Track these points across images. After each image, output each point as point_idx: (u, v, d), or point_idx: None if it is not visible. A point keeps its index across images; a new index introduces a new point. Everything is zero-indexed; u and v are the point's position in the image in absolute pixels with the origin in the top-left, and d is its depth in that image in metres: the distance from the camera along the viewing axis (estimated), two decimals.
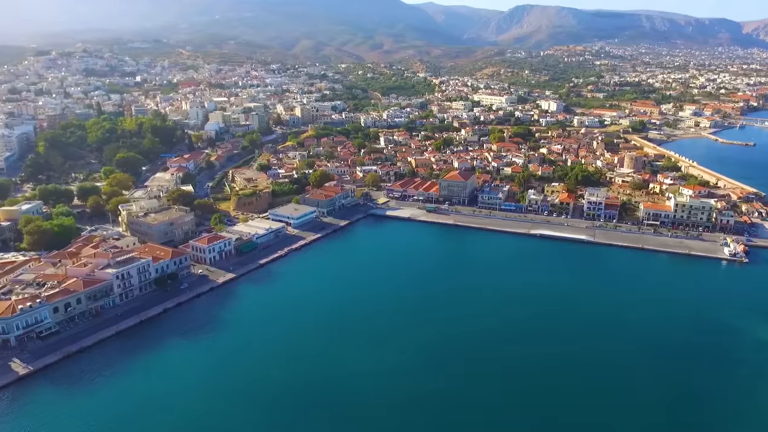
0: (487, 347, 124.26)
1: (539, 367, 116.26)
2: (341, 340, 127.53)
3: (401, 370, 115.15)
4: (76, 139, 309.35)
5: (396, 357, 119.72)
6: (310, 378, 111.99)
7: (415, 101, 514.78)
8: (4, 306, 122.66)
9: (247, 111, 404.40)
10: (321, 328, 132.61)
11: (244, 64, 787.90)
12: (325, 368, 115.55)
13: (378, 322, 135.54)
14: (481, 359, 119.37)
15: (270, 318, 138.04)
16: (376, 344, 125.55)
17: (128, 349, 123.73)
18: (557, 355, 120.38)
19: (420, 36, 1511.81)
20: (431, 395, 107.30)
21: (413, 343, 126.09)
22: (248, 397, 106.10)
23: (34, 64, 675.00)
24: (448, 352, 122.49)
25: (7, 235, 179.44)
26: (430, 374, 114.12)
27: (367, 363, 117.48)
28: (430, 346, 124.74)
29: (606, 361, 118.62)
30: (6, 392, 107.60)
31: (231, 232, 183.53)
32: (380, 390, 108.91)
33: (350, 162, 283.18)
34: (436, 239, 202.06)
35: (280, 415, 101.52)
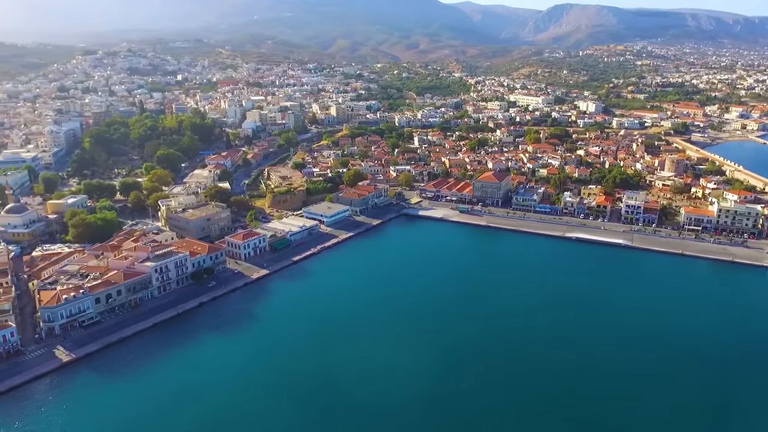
0: (517, 350, 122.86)
1: (570, 372, 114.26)
2: (371, 338, 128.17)
3: (429, 370, 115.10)
4: (119, 136, 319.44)
5: (424, 357, 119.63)
6: (339, 374, 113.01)
7: (450, 101, 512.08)
8: (49, 295, 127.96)
9: (283, 110, 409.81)
10: (351, 326, 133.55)
11: (281, 63, 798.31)
12: (354, 365, 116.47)
13: (407, 321, 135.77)
14: (510, 362, 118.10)
15: (301, 314, 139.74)
16: (404, 343, 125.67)
17: (165, 340, 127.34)
18: (590, 361, 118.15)
19: (456, 36, 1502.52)
20: (457, 396, 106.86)
21: (442, 343, 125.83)
22: (279, 392, 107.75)
23: (82, 63, 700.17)
24: (478, 354, 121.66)
25: (53, 228, 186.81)
26: (458, 375, 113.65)
27: (394, 361, 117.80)
28: (459, 347, 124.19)
29: (642, 369, 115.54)
30: (50, 378, 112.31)
31: (265, 229, 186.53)
32: (407, 389, 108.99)
33: (384, 161, 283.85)
34: (469, 240, 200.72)
35: (309, 411, 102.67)
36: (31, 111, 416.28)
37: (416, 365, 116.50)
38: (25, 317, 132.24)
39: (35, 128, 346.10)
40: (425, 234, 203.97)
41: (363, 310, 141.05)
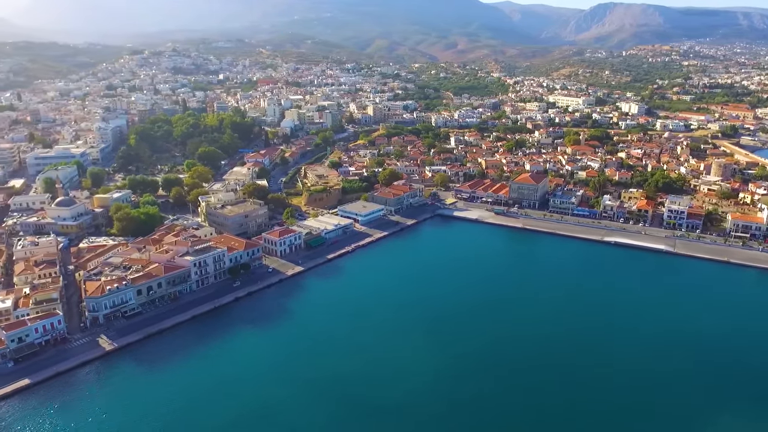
0: (550, 356, 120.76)
1: (604, 382, 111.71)
2: (402, 337, 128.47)
3: (459, 372, 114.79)
4: (163, 133, 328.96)
5: (454, 358, 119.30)
6: (370, 373, 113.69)
7: (488, 102, 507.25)
8: (94, 286, 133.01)
9: (321, 109, 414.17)
10: (383, 325, 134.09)
11: (320, 63, 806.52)
12: (384, 365, 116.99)
13: (439, 322, 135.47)
14: (541, 367, 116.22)
15: (334, 312, 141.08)
16: (435, 344, 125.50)
17: (202, 333, 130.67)
18: (626, 371, 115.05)
19: (495, 35, 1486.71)
20: (484, 399, 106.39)
21: (473, 345, 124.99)
22: (310, 389, 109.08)
23: (129, 63, 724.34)
24: (508, 357, 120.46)
25: (99, 221, 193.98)
26: (486, 378, 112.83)
27: (424, 362, 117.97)
28: (490, 350, 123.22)
29: (680, 382, 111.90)
30: (94, 365, 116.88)
31: (301, 227, 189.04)
32: (436, 390, 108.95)
33: (419, 161, 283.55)
34: (504, 242, 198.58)
35: (339, 409, 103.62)
36: (81, 108, 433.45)
37: (446, 367, 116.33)
38: (72, 306, 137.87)
39: (84, 125, 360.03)
40: (459, 235, 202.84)
41: (395, 310, 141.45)
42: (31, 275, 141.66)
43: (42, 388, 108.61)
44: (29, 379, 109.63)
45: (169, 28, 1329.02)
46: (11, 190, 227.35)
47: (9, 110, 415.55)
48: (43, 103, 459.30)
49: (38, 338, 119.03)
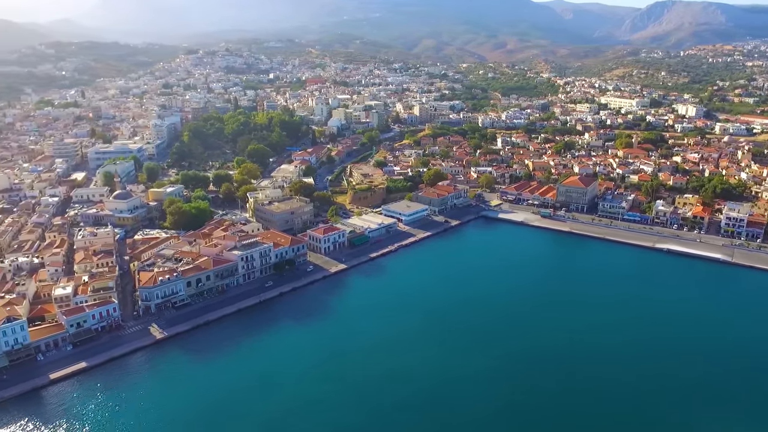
0: (589, 364, 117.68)
1: (653, 397, 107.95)
2: (440, 337, 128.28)
3: (498, 375, 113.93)
4: (214, 131, 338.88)
5: (495, 361, 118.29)
6: (408, 373, 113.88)
7: (537, 102, 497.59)
8: (147, 276, 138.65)
9: (367, 109, 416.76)
10: (423, 325, 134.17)
11: (367, 63, 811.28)
12: (422, 364, 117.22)
13: (481, 324, 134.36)
14: (580, 375, 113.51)
15: (376, 310, 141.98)
16: (477, 346, 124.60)
17: (247, 326, 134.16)
18: (675, 388, 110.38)
19: (545, 35, 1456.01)
20: (523, 403, 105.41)
21: (515, 348, 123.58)
22: (348, 385, 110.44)
23: (185, 62, 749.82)
24: (548, 363, 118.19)
25: (153, 214, 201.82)
26: (524, 382, 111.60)
27: (462, 364, 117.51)
28: (531, 354, 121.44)
29: (732, 399, 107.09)
30: (145, 352, 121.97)
31: (345, 225, 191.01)
32: (475, 392, 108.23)
33: (465, 162, 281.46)
34: (549, 246, 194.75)
35: (376, 407, 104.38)
36: (139, 106, 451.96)
37: (486, 369, 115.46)
38: (126, 295, 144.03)
39: (141, 122, 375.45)
40: (504, 237, 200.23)
41: (435, 310, 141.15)
42: (89, 264, 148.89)
43: (97, 371, 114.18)
44: (86, 363, 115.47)
45: (223, 29, 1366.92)
46: (74, 183, 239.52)
47: (73, 107, 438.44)
48: (105, 100, 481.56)
49: (95, 324, 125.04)
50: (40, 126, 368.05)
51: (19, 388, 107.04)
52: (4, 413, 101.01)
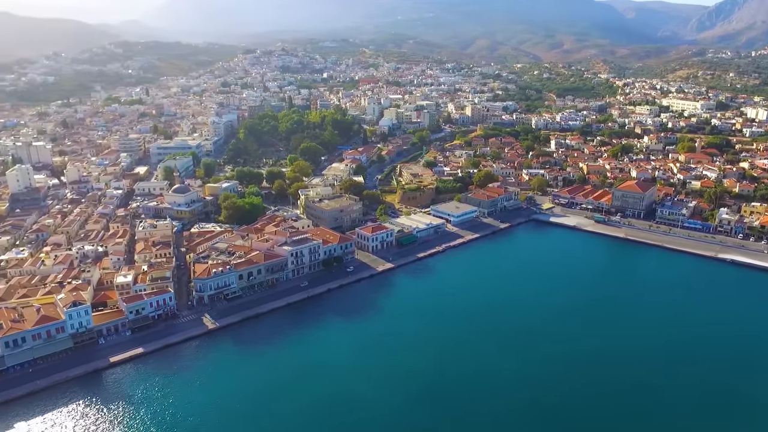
0: (638, 375, 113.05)
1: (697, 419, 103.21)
2: (487, 340, 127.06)
3: (532, 378, 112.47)
4: (269, 129, 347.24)
5: (536, 366, 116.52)
6: (452, 375, 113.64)
7: (593, 104, 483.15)
8: (202, 268, 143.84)
9: (419, 108, 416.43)
10: (468, 326, 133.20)
11: (420, 63, 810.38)
12: (467, 365, 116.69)
13: (526, 327, 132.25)
14: (627, 387, 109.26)
15: (422, 310, 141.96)
16: (520, 348, 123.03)
17: (295, 320, 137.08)
18: (725, 406, 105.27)
19: (605, 34, 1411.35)
20: (567, 407, 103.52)
21: (561, 353, 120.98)
22: (393, 383, 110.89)
23: (242, 61, 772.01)
24: (595, 369, 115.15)
25: (209, 208, 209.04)
26: (563, 388, 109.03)
27: (505, 367, 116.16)
28: (578, 359, 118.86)
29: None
30: (197, 341, 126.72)
31: (394, 224, 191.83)
32: (514, 393, 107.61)
33: (517, 164, 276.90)
34: (603, 252, 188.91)
35: (418, 404, 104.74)
36: (199, 103, 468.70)
37: (528, 372, 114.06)
38: (181, 286, 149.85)
39: (200, 119, 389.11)
40: (555, 242, 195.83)
41: (482, 313, 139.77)
42: (149, 254, 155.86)
43: (153, 357, 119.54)
44: (143, 348, 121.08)
45: (280, 29, 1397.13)
46: (136, 176, 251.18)
47: (138, 104, 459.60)
48: (167, 98, 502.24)
49: (152, 312, 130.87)
50: (107, 122, 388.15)
51: (83, 368, 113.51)
52: (69, 391, 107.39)
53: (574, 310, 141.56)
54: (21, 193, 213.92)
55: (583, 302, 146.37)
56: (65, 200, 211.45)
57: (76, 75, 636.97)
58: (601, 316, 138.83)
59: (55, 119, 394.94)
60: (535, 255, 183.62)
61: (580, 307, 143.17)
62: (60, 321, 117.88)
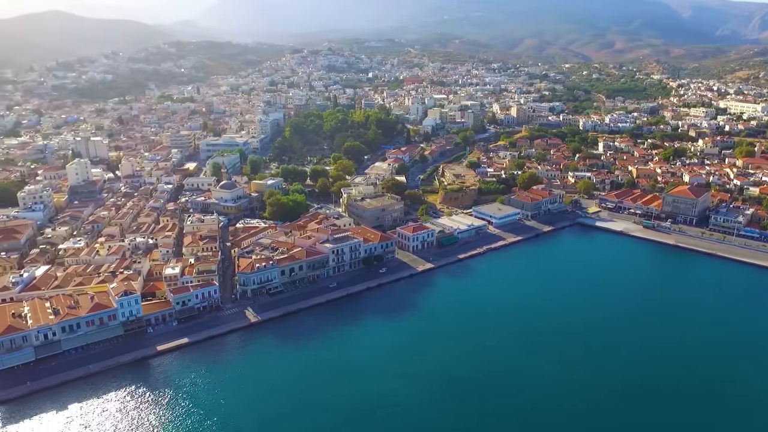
0: (679, 394, 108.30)
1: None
2: (523, 344, 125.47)
3: (574, 386, 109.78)
4: (314, 127, 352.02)
5: (574, 372, 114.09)
6: (488, 378, 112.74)
7: (645, 105, 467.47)
8: (246, 263, 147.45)
9: (463, 108, 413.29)
10: (507, 329, 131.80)
11: (465, 62, 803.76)
12: (501, 368, 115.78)
13: (566, 333, 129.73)
14: (662, 405, 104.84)
15: (461, 312, 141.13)
16: (556, 355, 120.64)
17: (334, 317, 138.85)
18: None
19: (659, 34, 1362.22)
20: (601, 416, 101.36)
21: (596, 363, 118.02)
22: (429, 384, 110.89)
23: (290, 61, 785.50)
24: (637, 378, 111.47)
25: (254, 204, 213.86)
26: (597, 395, 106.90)
27: (542, 373, 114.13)
28: (619, 367, 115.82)
29: None
30: (240, 333, 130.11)
31: (435, 224, 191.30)
32: (545, 400, 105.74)
33: (562, 166, 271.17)
34: (651, 259, 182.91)
35: (454, 405, 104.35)
36: (247, 102, 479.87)
37: (561, 378, 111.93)
38: (226, 279, 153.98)
39: (248, 117, 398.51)
40: (600, 247, 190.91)
41: (523, 317, 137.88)
42: (196, 248, 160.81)
43: (197, 347, 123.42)
44: (188, 338, 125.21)
45: (327, 29, 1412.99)
46: (186, 172, 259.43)
47: (189, 102, 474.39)
48: (217, 96, 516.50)
49: (197, 303, 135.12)
50: (160, 119, 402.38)
51: (132, 355, 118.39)
52: (119, 376, 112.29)
53: (618, 318, 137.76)
54: (79, 185, 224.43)
55: (629, 310, 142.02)
56: (119, 193, 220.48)
57: (132, 73, 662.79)
58: (647, 326, 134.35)
59: (112, 116, 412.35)
60: (579, 259, 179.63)
61: (626, 316, 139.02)
62: (112, 309, 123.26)
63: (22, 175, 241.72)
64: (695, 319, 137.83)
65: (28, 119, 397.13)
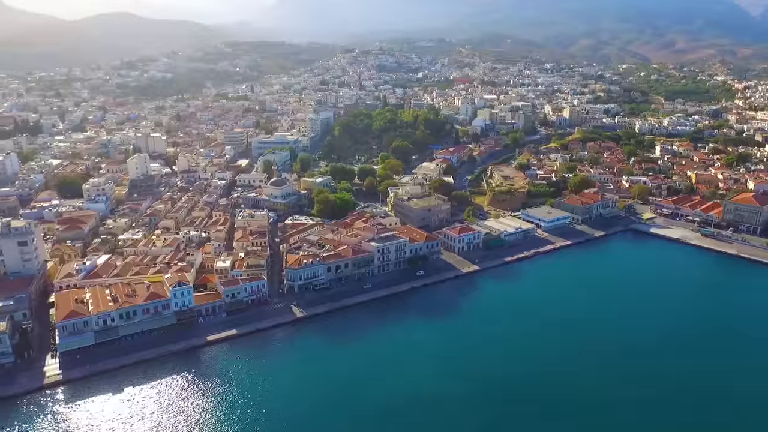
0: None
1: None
2: (566, 352, 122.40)
3: (615, 400, 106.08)
4: (363, 126, 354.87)
5: (618, 391, 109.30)
6: (525, 380, 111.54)
7: (707, 108, 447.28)
8: (293, 258, 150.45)
9: (514, 109, 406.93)
10: (551, 336, 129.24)
11: (517, 62, 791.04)
12: (542, 376, 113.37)
13: (613, 345, 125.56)
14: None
15: (504, 315, 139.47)
16: (599, 365, 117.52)
17: (378, 316, 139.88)
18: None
19: (724, 33, 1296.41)
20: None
21: (639, 376, 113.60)
22: (469, 385, 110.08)
23: (341, 60, 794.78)
24: (683, 405, 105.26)
25: (303, 202, 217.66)
26: (645, 413, 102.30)
27: (585, 382, 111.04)
28: (665, 389, 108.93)
29: None
30: (285, 328, 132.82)
31: (481, 226, 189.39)
32: (587, 413, 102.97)
33: (616, 170, 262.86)
34: (709, 270, 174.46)
35: (496, 408, 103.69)
36: (298, 101, 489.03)
37: (607, 395, 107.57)
38: (273, 274, 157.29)
39: (299, 115, 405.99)
40: (654, 254, 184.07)
41: (565, 323, 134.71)
42: (246, 243, 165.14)
43: (244, 339, 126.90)
44: (236, 330, 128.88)
45: (379, 28, 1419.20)
46: (238, 169, 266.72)
47: (243, 100, 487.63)
48: (269, 95, 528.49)
49: (246, 297, 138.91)
50: (215, 116, 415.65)
51: (183, 344, 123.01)
52: (170, 364, 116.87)
53: (672, 332, 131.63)
54: (138, 179, 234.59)
55: (684, 324, 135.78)
56: (175, 188, 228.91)
57: (189, 72, 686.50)
58: (704, 343, 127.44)
59: (170, 113, 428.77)
60: (632, 267, 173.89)
61: (680, 330, 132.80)
62: (166, 298, 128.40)
63: (87, 168, 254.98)
64: (761, 341, 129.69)
65: (94, 115, 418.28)
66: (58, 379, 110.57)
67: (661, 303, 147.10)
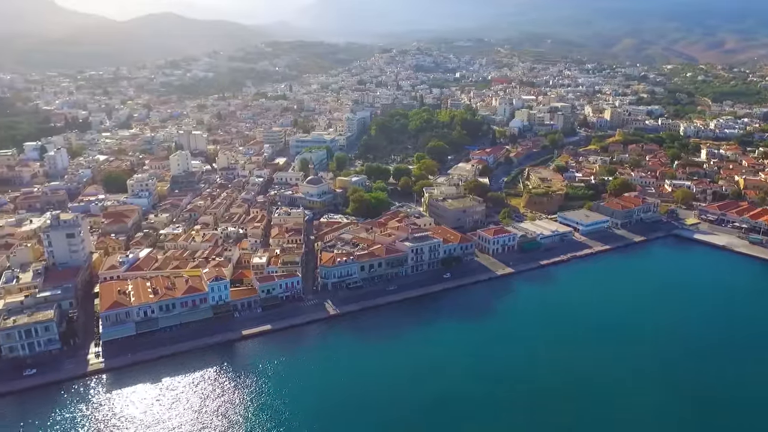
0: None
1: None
2: (600, 360, 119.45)
3: (648, 412, 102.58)
4: (399, 126, 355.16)
5: (650, 393, 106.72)
6: (556, 385, 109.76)
7: (758, 110, 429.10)
8: (328, 256, 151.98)
9: (553, 110, 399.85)
10: (584, 341, 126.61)
11: (557, 63, 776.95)
12: (574, 381, 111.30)
13: (651, 355, 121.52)
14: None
15: (538, 319, 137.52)
16: (635, 376, 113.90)
17: (410, 316, 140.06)
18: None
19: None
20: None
21: (675, 388, 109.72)
22: (499, 386, 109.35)
23: (378, 60, 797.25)
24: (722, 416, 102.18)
25: (338, 200, 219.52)
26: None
27: (621, 392, 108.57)
28: (704, 406, 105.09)
29: None
30: (318, 324, 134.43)
31: (517, 228, 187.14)
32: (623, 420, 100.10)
33: (659, 174, 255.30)
34: (756, 278, 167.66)
35: (524, 412, 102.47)
36: (335, 100, 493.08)
37: (639, 407, 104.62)
38: (308, 271, 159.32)
39: (336, 115, 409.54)
40: (698, 262, 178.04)
41: (600, 329, 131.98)
42: (282, 240, 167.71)
43: (278, 334, 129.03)
44: (270, 326, 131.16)
45: (417, 28, 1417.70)
46: (276, 167, 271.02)
47: (282, 99, 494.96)
48: (307, 94, 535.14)
49: (281, 293, 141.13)
50: (254, 115, 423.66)
51: (219, 337, 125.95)
52: (206, 356, 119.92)
53: (714, 343, 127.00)
54: (180, 175, 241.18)
55: (730, 336, 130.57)
56: (215, 185, 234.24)
57: (230, 72, 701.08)
58: (749, 355, 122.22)
59: (211, 111, 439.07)
60: (674, 274, 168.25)
61: (724, 342, 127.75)
62: (204, 292, 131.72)
63: (132, 164, 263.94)
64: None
65: (139, 113, 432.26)
66: (101, 367, 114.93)
67: (704, 312, 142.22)
